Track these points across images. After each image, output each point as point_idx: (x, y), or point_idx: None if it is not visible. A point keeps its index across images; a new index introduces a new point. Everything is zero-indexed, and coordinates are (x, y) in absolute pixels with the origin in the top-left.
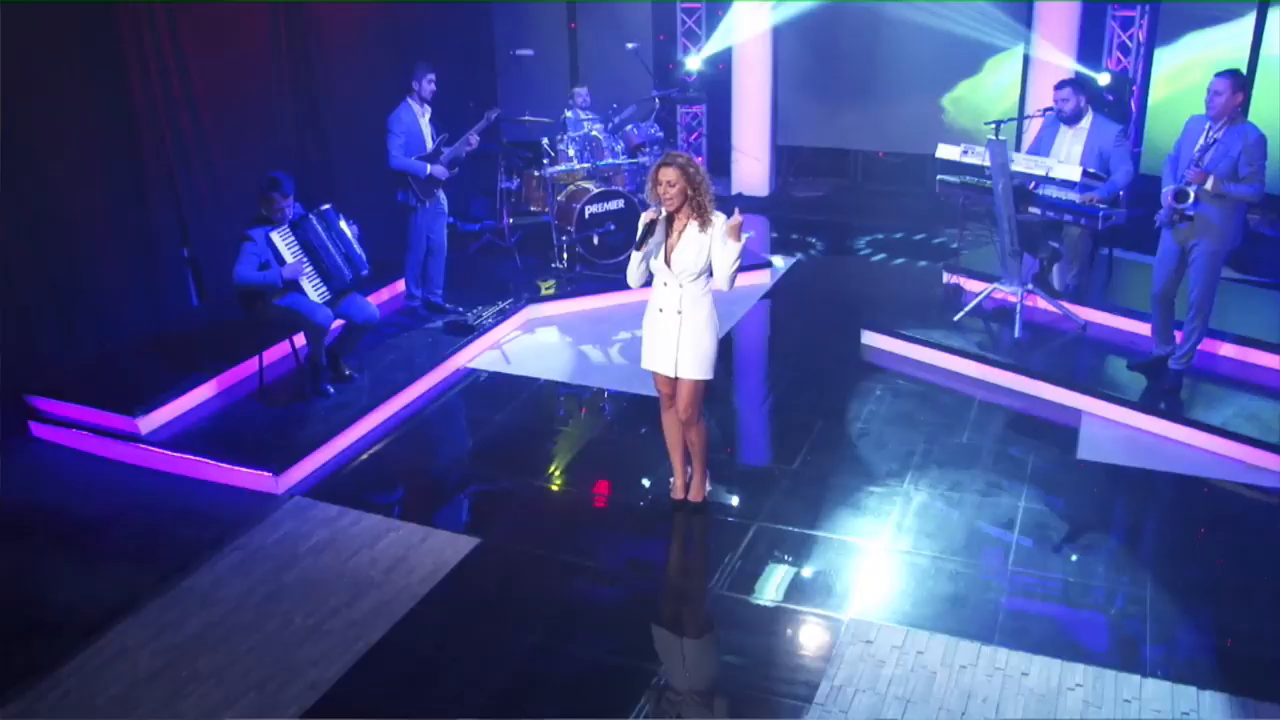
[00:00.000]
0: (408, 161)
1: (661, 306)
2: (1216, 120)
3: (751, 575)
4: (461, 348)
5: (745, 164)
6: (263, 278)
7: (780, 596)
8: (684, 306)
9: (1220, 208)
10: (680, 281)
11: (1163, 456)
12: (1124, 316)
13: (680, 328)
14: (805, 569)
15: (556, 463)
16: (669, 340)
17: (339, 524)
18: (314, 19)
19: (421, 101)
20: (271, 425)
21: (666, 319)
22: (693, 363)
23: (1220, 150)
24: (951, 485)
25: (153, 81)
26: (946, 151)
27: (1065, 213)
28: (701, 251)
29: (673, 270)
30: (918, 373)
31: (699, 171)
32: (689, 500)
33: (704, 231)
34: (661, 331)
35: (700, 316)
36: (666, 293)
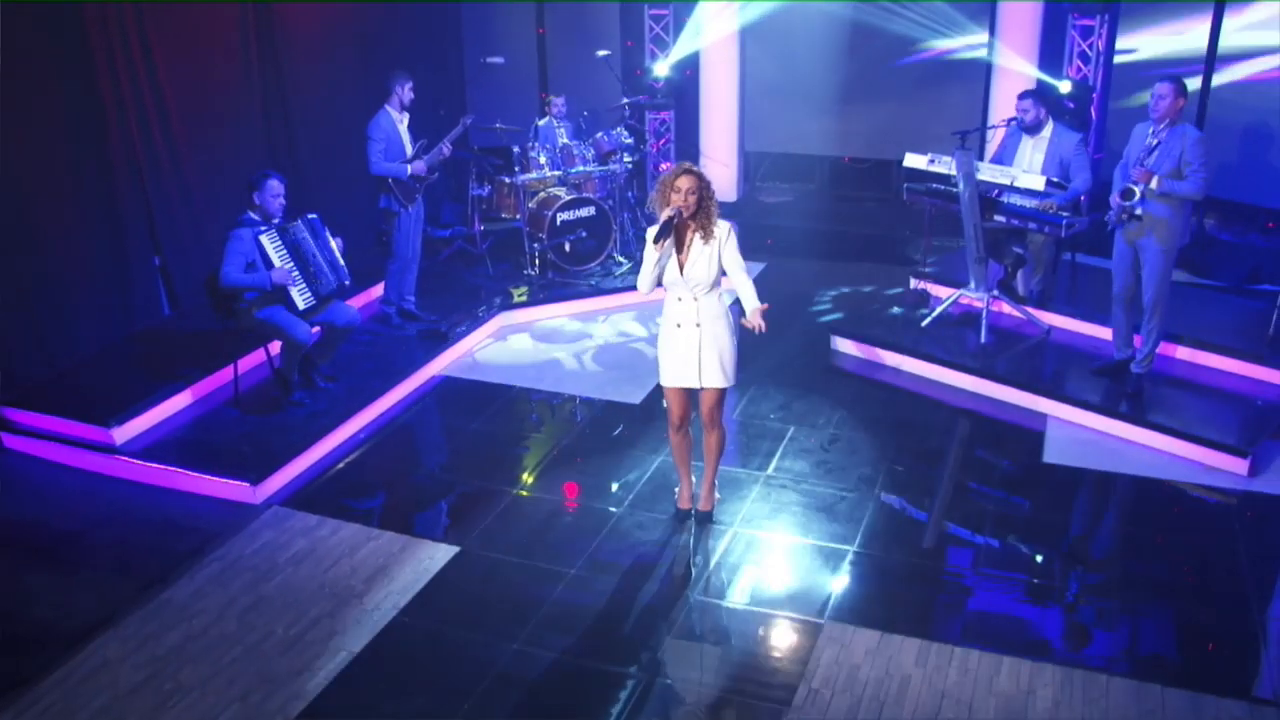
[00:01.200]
0: (388, 166)
1: (679, 322)
2: (1159, 123)
3: (728, 580)
4: (436, 355)
5: (713, 169)
6: (251, 280)
7: (756, 601)
8: (702, 319)
9: (1166, 206)
10: (695, 294)
11: (1125, 459)
12: (1086, 321)
13: (701, 339)
14: (781, 573)
15: (532, 470)
16: (690, 353)
17: (318, 533)
18: (284, 27)
19: (400, 108)
20: (248, 434)
21: (686, 333)
22: (717, 370)
23: (1164, 151)
24: (922, 490)
25: (123, 90)
26: (914, 160)
27: (1030, 220)
28: (711, 262)
29: (687, 283)
30: (887, 378)
31: (710, 182)
32: (698, 509)
33: (708, 243)
34: (682, 346)
35: (720, 326)
36: (683, 308)
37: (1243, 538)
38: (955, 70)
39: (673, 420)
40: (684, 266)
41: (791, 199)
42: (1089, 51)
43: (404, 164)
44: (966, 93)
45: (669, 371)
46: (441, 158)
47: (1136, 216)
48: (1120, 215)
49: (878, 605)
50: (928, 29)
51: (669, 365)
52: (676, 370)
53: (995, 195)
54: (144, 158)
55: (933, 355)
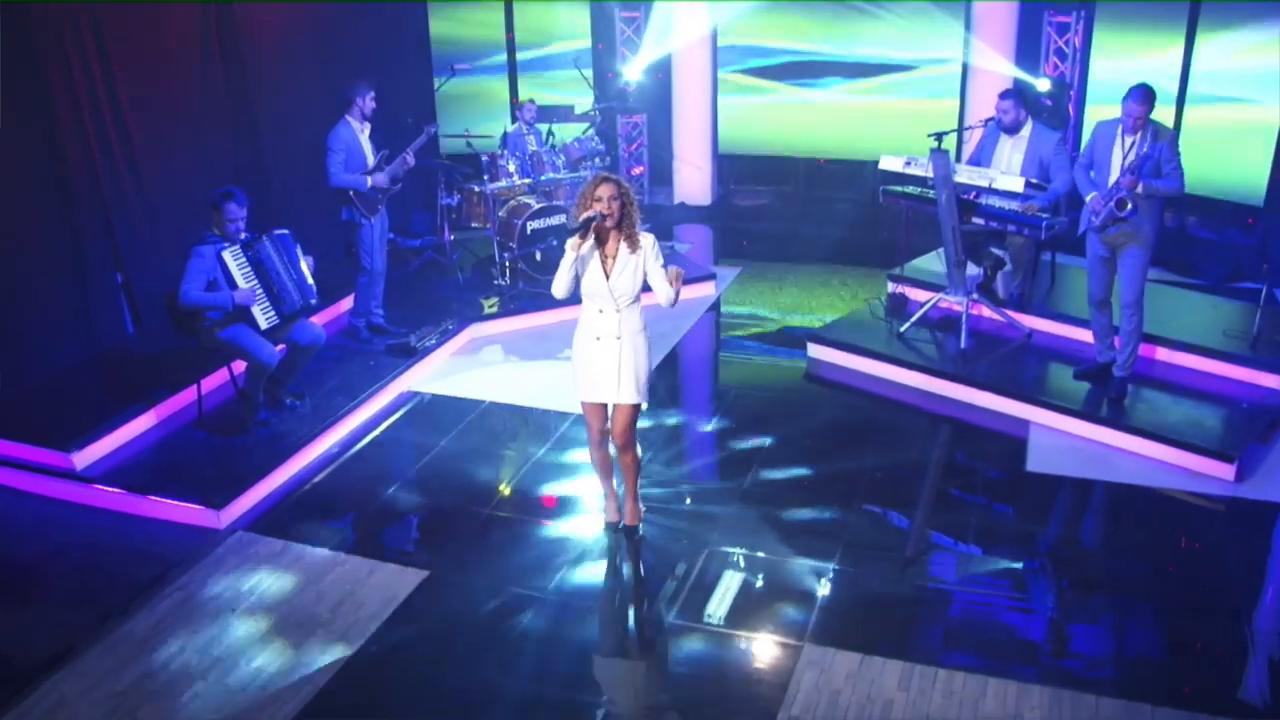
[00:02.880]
0: (349, 177)
1: (599, 335)
2: (1133, 132)
3: (704, 600)
4: (404, 370)
5: (687, 173)
6: (212, 299)
7: (734, 623)
8: (623, 332)
9: (1146, 208)
10: (619, 306)
11: (1110, 466)
12: (1067, 324)
13: (621, 353)
14: (758, 593)
15: (504, 488)
16: (609, 367)
17: (283, 559)
18: (248, 35)
19: (362, 118)
20: (212, 457)
21: (606, 346)
22: (633, 387)
23: (1140, 154)
24: (903, 502)
25: (79, 101)
26: (889, 163)
27: (1009, 223)
28: (637, 273)
29: (612, 294)
30: (865, 385)
31: (630, 189)
32: (625, 524)
33: (634, 253)
34: (601, 359)
35: (641, 341)
36: (604, 320)
37: (1231, 546)
38: (932, 68)
39: (592, 436)
40: (610, 276)
41: (767, 201)
42: (1065, 49)
43: (364, 175)
44: (942, 92)
45: (586, 385)
46: (405, 168)
47: (1121, 219)
48: (1107, 221)
49: (859, 626)
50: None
51: (586, 379)
52: (594, 385)
53: (973, 197)
54: (103, 171)
55: (912, 361)
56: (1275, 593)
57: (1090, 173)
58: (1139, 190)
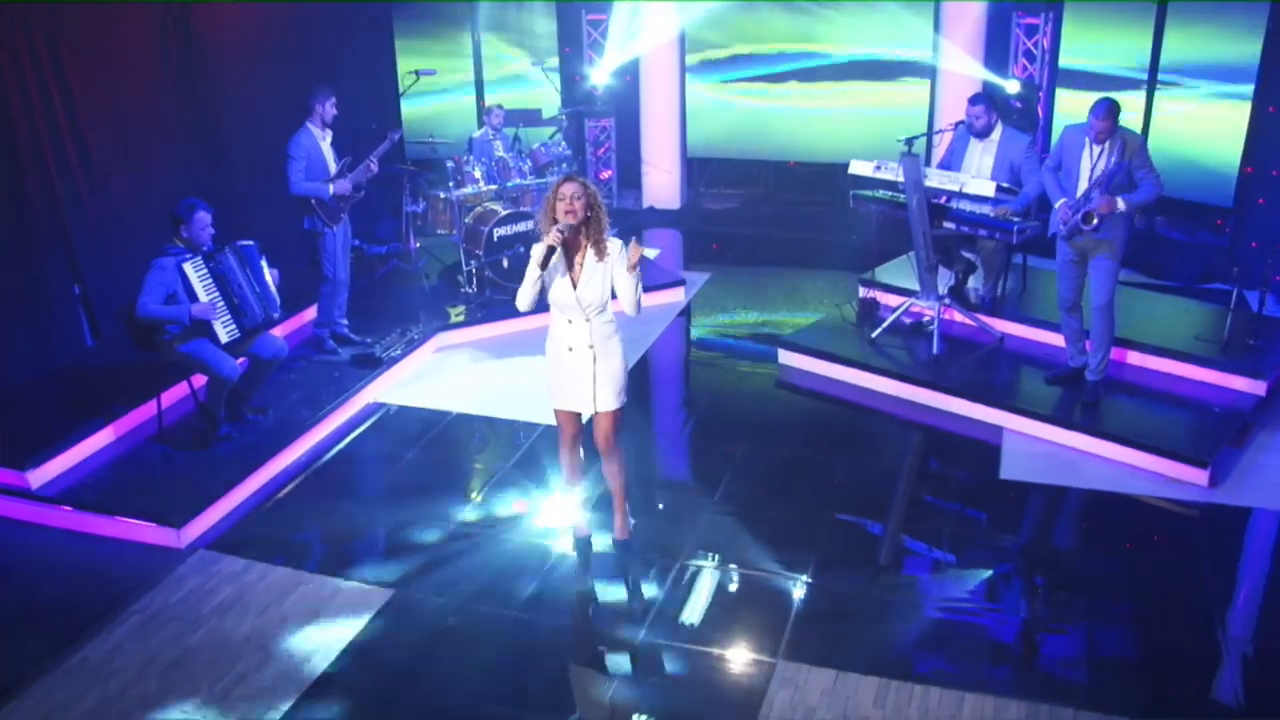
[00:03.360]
0: (309, 185)
1: (571, 345)
2: (1100, 144)
3: (677, 617)
4: (369, 381)
5: (656, 177)
6: (169, 313)
7: (706, 640)
8: (595, 341)
9: (1120, 219)
10: (588, 315)
11: (1084, 473)
12: (1039, 328)
13: (595, 363)
14: (731, 609)
15: (471, 502)
16: (583, 377)
17: (245, 579)
18: (208, 43)
19: (323, 125)
20: (172, 474)
21: (579, 356)
22: (611, 394)
23: (1108, 167)
24: (876, 512)
25: (35, 112)
26: (860, 167)
27: (980, 227)
28: (605, 281)
29: (580, 304)
30: (837, 392)
31: (597, 191)
32: (615, 538)
33: (602, 260)
34: (573, 369)
35: (613, 348)
36: (574, 330)
37: (1206, 554)
38: (901, 72)
39: (564, 440)
40: (577, 285)
41: (737, 205)
42: (1034, 50)
43: (325, 183)
44: (912, 94)
45: (560, 394)
46: (369, 174)
47: (1093, 229)
48: (1073, 232)
49: (833, 641)
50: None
51: (559, 388)
52: (568, 392)
53: (944, 201)
54: (59, 180)
55: (884, 368)
56: (1250, 600)
57: (1059, 173)
58: (1121, 207)
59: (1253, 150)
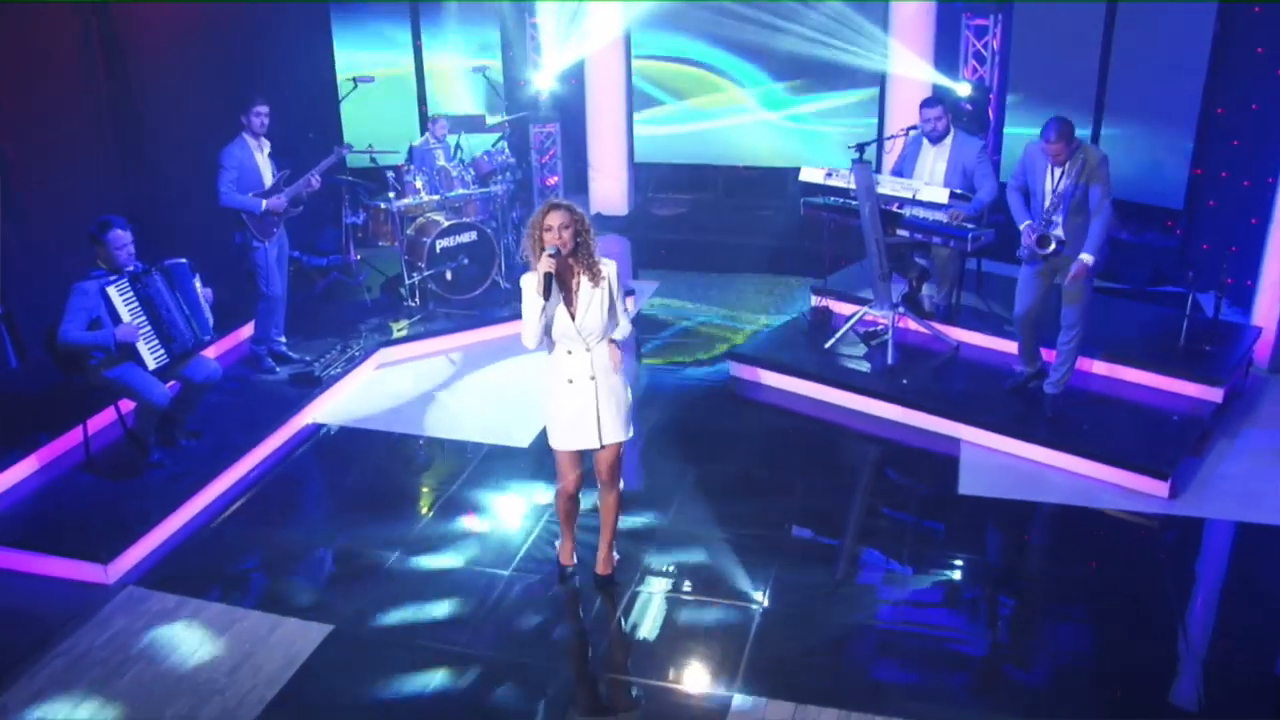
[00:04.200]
0: (239, 198)
1: (571, 377)
2: (1059, 166)
3: (630, 648)
4: (309, 401)
5: (603, 183)
6: (93, 338)
7: (660, 673)
8: (598, 371)
9: (1083, 239)
10: (589, 344)
11: (1044, 485)
12: (995, 336)
13: (599, 394)
14: (685, 639)
15: (415, 528)
16: (587, 410)
17: (177, 617)
18: (135, 49)
19: (255, 134)
20: (100, 505)
21: (580, 388)
22: (618, 426)
23: (1068, 187)
24: (832, 532)
25: None
26: (810, 174)
27: (934, 234)
28: (603, 306)
29: (581, 334)
30: (791, 404)
31: (585, 214)
32: (597, 573)
33: (597, 285)
34: (577, 404)
35: (615, 379)
36: (574, 361)
37: (1168, 566)
38: (850, 74)
39: (566, 487)
40: (575, 316)
41: (686, 210)
42: (984, 51)
43: (258, 198)
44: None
45: (563, 434)
46: (310, 189)
47: (1057, 253)
48: (1033, 256)
49: (791, 671)
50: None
51: (563, 427)
52: (572, 431)
53: (897, 208)
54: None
55: (838, 379)
56: (1212, 612)
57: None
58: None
59: (1201, 152)
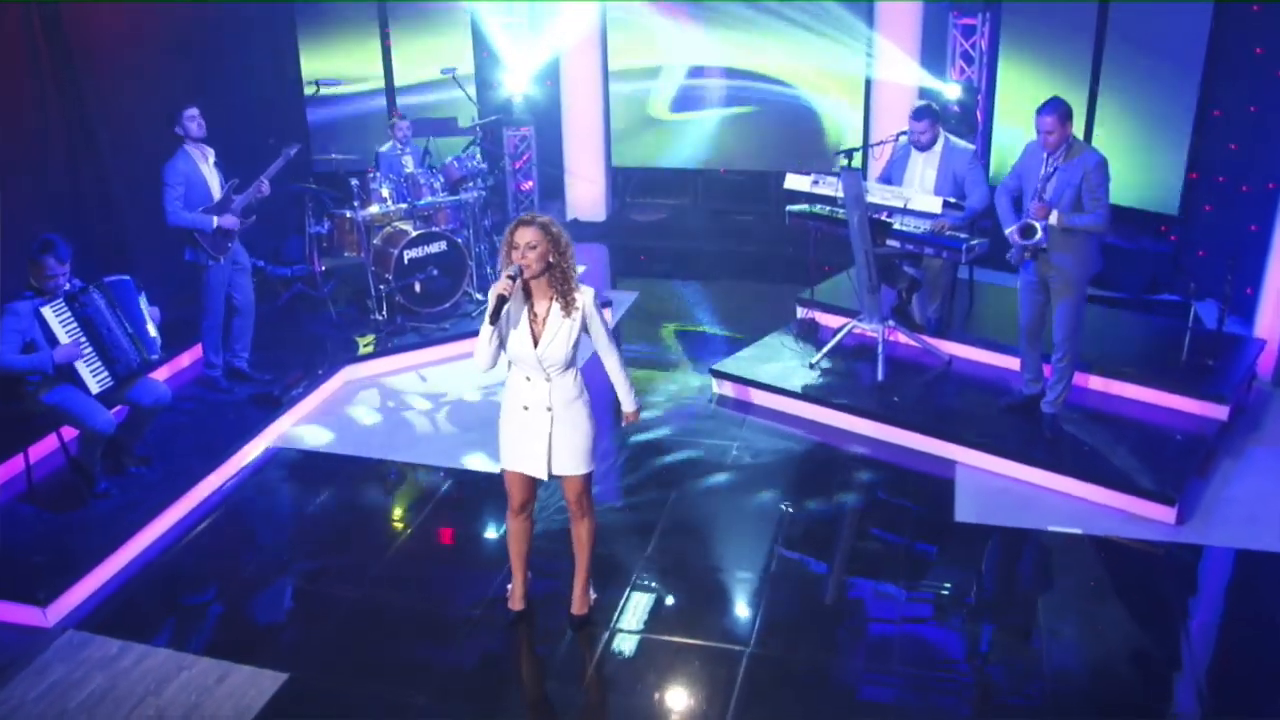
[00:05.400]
0: (189, 216)
1: (527, 404)
2: (1053, 152)
3: (607, 699)
4: (268, 424)
5: (579, 188)
6: (28, 362)
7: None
8: (555, 402)
9: (1073, 239)
10: (549, 375)
11: (1044, 511)
12: (989, 350)
13: (553, 426)
14: (666, 687)
15: (379, 563)
16: (538, 439)
17: (119, 665)
18: (84, 47)
19: (197, 143)
20: (41, 539)
21: (535, 417)
22: (571, 460)
23: (1062, 180)
24: (821, 565)
25: None
26: (796, 181)
27: (926, 245)
28: (570, 339)
29: (541, 363)
30: (776, 423)
31: (563, 233)
32: (573, 614)
33: (569, 315)
34: (526, 429)
35: (577, 409)
36: (532, 389)
37: (1176, 598)
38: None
39: (512, 505)
40: (539, 341)
41: (665, 216)
42: (972, 52)
43: (209, 214)
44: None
45: (509, 455)
46: (260, 196)
47: (1043, 250)
48: (1022, 254)
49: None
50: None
51: (511, 448)
52: (520, 455)
53: (886, 217)
54: None
55: (826, 398)
56: (1222, 646)
57: (1017, 195)
58: (1053, 222)
59: (1197, 156)
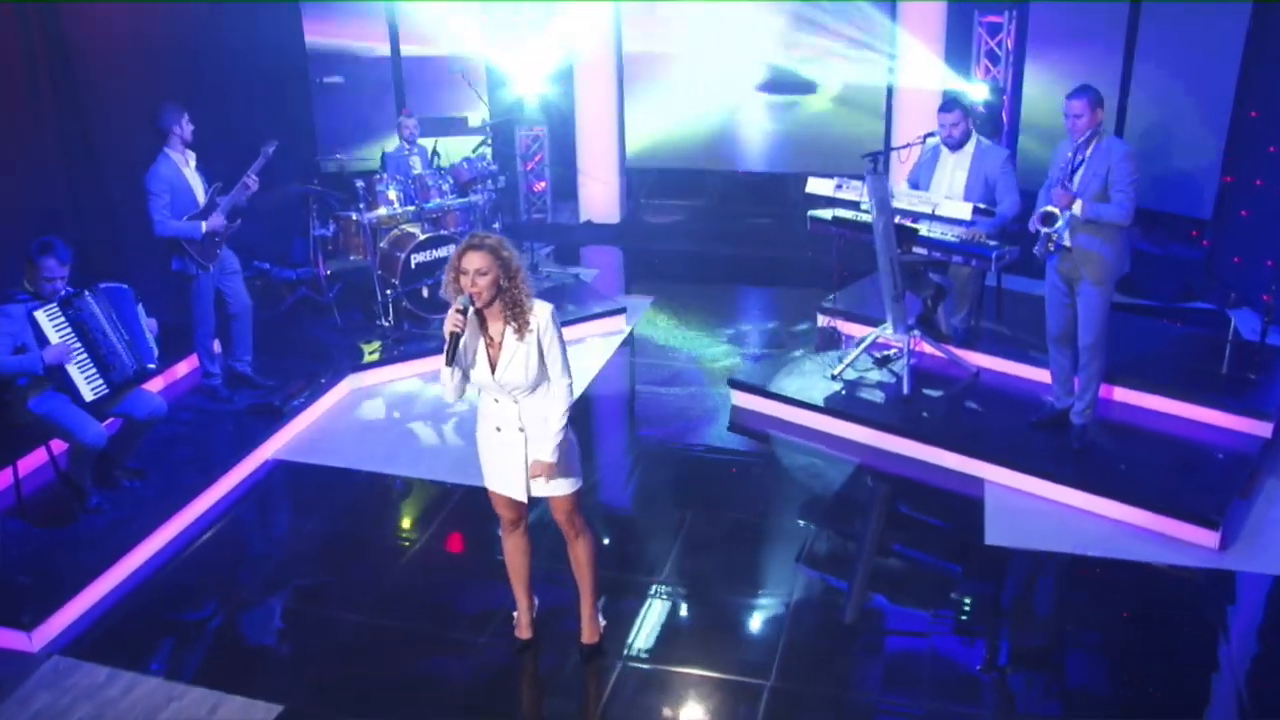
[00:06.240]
0: (177, 225)
1: (499, 425)
2: (1079, 139)
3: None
4: (268, 436)
5: (593, 189)
6: (18, 363)
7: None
8: (526, 423)
9: (1097, 236)
10: (515, 398)
11: (1079, 535)
12: (1018, 361)
13: (528, 447)
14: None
15: (381, 586)
16: (515, 460)
17: (106, 694)
18: (85, 51)
19: (183, 147)
20: (29, 557)
21: (508, 438)
22: (550, 481)
23: (1089, 170)
24: (845, 590)
25: None
26: (818, 185)
27: (954, 252)
28: (531, 359)
29: (503, 388)
30: (797, 436)
31: (514, 256)
32: (582, 642)
33: (523, 338)
34: (503, 451)
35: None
36: (501, 410)
37: (1222, 631)
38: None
39: (502, 525)
40: (496, 367)
41: (681, 218)
42: (998, 51)
43: (197, 220)
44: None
45: (492, 476)
46: (247, 194)
47: (1066, 247)
48: (1047, 245)
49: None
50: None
51: (490, 469)
52: (499, 477)
53: (912, 223)
54: None
55: (848, 411)
56: (1273, 682)
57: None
58: (1076, 211)
59: (1232, 158)
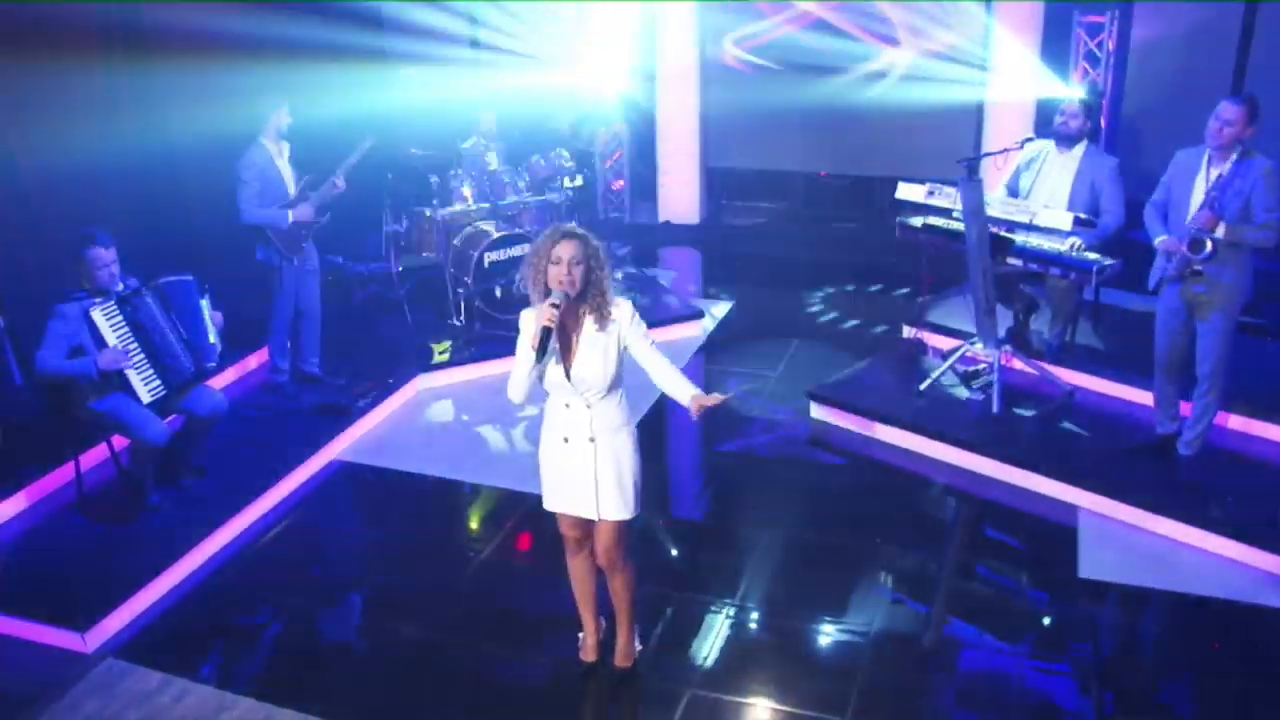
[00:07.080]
0: (264, 213)
1: (567, 435)
2: (1222, 153)
3: None
4: (334, 436)
5: (672, 189)
6: (73, 367)
7: None
8: (597, 431)
9: (1233, 260)
10: (588, 400)
11: (1181, 571)
12: (1116, 381)
13: (598, 458)
14: None
15: (444, 599)
16: (584, 474)
17: (157, 701)
18: (159, 34)
19: (278, 137)
20: (87, 555)
21: (576, 449)
22: (617, 499)
23: (1231, 189)
24: (927, 623)
25: None
26: (908, 191)
27: (1052, 264)
28: (608, 357)
29: (576, 388)
30: (880, 455)
31: (600, 245)
32: (615, 666)
33: (605, 329)
34: (571, 465)
35: (620, 442)
36: (571, 416)
37: None
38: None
39: (568, 545)
40: (571, 364)
41: (763, 220)
42: (1098, 52)
43: (284, 209)
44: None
45: (556, 494)
46: (334, 193)
47: (1197, 272)
48: (1183, 270)
49: None
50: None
51: (556, 487)
52: (566, 493)
53: (1007, 232)
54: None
55: (934, 429)
56: None
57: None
58: (1220, 233)
59: None
